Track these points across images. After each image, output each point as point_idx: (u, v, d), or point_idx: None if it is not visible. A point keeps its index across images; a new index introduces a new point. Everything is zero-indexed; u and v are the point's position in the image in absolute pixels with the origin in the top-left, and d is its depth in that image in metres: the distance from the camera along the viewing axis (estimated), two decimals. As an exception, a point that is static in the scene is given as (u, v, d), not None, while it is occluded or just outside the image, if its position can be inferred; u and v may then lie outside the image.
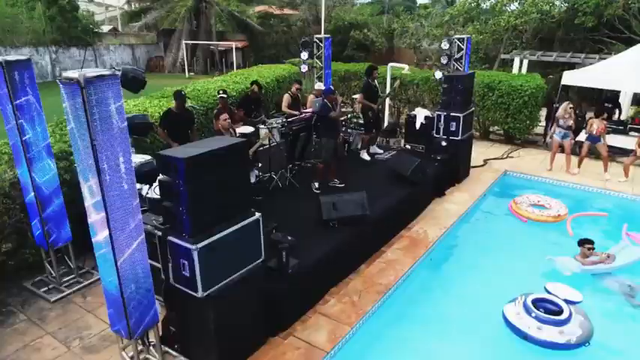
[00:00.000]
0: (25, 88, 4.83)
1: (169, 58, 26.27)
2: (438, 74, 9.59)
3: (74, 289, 5.66)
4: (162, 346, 4.56)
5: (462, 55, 9.47)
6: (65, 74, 3.27)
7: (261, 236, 4.40)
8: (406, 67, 12.45)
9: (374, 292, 5.45)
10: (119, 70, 3.53)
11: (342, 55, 26.90)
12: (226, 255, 4.04)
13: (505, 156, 11.09)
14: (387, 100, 12.88)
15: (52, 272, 5.71)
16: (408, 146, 9.67)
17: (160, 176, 3.85)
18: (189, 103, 7.31)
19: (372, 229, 6.30)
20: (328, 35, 10.51)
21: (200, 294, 3.89)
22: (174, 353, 4.51)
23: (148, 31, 29.22)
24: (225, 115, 5.61)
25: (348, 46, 27.55)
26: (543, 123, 12.19)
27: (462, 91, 8.61)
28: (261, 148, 7.60)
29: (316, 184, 7.20)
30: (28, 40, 20.85)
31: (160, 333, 4.56)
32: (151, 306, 4.04)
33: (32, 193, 5.16)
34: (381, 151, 9.31)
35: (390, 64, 12.46)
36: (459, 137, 8.74)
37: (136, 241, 3.73)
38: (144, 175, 3.90)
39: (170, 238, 3.90)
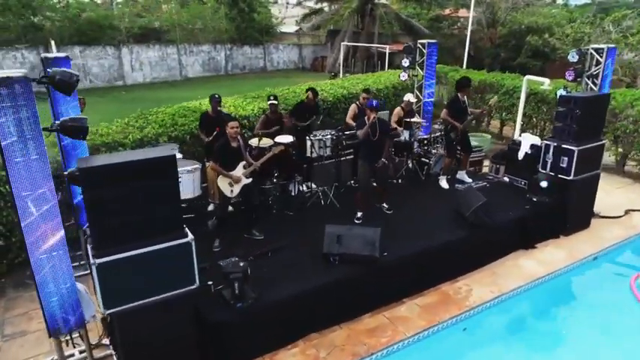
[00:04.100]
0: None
1: (330, 59, 27.12)
2: (561, 92, 7.53)
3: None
4: (109, 347, 4.59)
5: (599, 71, 7.23)
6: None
7: (194, 261, 3.97)
8: (547, 81, 10.18)
9: (349, 354, 4.50)
10: (48, 72, 3.53)
11: (512, 63, 24.02)
12: (143, 275, 3.75)
13: (665, 209, 8.19)
14: (519, 119, 10.80)
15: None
16: (506, 179, 7.89)
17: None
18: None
19: (388, 273, 5.25)
20: (434, 40, 9.23)
21: (102, 310, 3.70)
22: (115, 358, 4.46)
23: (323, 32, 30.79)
24: (233, 123, 5.28)
25: (522, 52, 24.36)
26: None
27: (583, 118, 6.57)
28: (317, 163, 7.10)
29: (358, 214, 6.26)
30: (211, 39, 24.02)
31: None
32: (75, 307, 4.00)
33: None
34: (469, 180, 7.79)
35: (527, 77, 10.41)
36: (571, 177, 6.73)
37: (53, 239, 3.69)
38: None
39: (88, 246, 3.79)
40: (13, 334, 4.96)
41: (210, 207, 6.55)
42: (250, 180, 5.50)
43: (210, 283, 4.55)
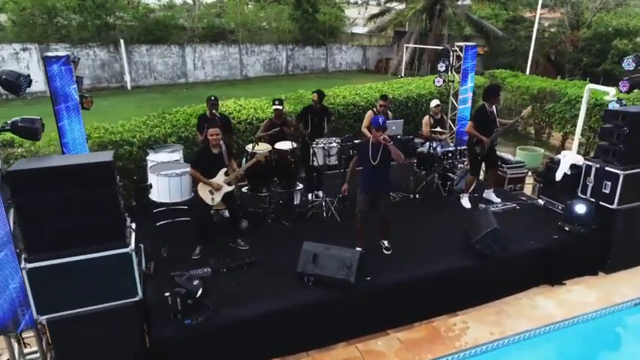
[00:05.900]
0: None
1: (394, 60, 26.32)
2: (614, 106, 6.45)
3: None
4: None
5: (661, 82, 6.08)
6: None
7: (135, 272, 3.78)
8: (612, 91, 8.87)
9: (304, 388, 4.08)
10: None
11: (596, 70, 21.86)
12: (77, 284, 3.63)
13: None
14: (578, 133, 9.57)
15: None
16: (541, 201, 6.93)
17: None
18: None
19: (369, 300, 4.74)
20: (474, 43, 8.36)
21: (35, 316, 3.62)
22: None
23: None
24: (213, 130, 5.00)
25: (607, 58, 21.92)
26: None
27: (632, 137, 5.57)
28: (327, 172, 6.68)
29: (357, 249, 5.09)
30: (274, 39, 24.29)
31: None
32: (25, 307, 3.95)
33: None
34: (498, 200, 6.95)
35: (589, 86, 9.16)
36: (614, 205, 5.74)
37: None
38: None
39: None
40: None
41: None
42: (232, 188, 5.23)
43: (167, 294, 4.34)
